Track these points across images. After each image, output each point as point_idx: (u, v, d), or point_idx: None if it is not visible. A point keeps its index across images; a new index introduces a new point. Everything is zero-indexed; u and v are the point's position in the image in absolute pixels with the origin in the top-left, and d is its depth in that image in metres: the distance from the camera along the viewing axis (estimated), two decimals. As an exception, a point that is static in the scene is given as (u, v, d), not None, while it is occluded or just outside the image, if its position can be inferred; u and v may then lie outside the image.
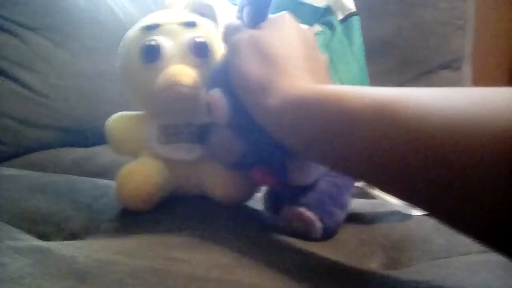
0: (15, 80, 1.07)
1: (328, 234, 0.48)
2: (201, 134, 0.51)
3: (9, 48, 1.07)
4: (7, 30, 1.07)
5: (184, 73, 0.52)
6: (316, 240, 0.47)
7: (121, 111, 0.59)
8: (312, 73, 0.43)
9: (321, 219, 0.47)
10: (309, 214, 0.47)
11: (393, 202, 0.55)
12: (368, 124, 0.32)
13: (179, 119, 0.56)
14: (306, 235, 0.47)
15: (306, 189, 0.49)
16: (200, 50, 0.54)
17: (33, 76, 1.09)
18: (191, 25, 0.55)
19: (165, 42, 0.53)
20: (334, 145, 0.35)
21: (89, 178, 0.70)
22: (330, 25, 1.34)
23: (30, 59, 1.09)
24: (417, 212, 0.54)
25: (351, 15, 1.34)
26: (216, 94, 0.47)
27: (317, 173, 0.48)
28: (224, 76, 0.47)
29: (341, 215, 0.50)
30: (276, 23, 0.46)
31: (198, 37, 0.54)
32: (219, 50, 0.56)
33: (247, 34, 0.45)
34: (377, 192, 0.55)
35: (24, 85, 1.07)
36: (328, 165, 0.40)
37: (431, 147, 0.28)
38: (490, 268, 0.38)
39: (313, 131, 0.37)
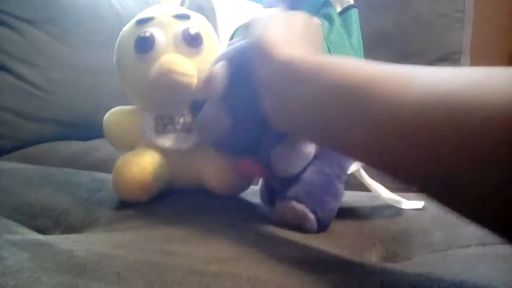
0: (13, 73, 1.06)
1: (322, 225, 0.48)
2: (193, 107, 0.50)
3: (8, 41, 1.07)
4: (5, 23, 1.06)
5: (177, 61, 0.53)
6: (311, 231, 0.47)
7: (119, 104, 0.60)
8: None
9: (313, 211, 0.47)
10: (300, 207, 0.47)
11: (384, 194, 0.55)
12: (344, 100, 0.34)
13: (174, 111, 0.56)
14: (301, 228, 0.47)
15: (295, 180, 0.49)
16: (194, 40, 0.55)
17: (31, 70, 1.09)
18: (184, 17, 0.56)
19: (159, 33, 0.54)
20: (319, 118, 0.37)
21: (87, 172, 0.70)
22: (328, 17, 1.34)
23: (29, 52, 1.09)
24: (408, 205, 0.54)
25: (350, 7, 1.34)
26: (218, 65, 0.47)
27: (301, 163, 0.48)
28: (233, 55, 0.47)
29: (334, 204, 0.50)
30: (307, 17, 0.47)
31: (191, 28, 0.55)
32: (212, 41, 0.57)
33: (280, 12, 0.47)
34: (369, 181, 0.55)
35: (22, 78, 1.07)
36: (314, 135, 0.41)
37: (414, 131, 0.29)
38: (489, 261, 0.38)
39: (305, 98, 0.38)
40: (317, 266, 0.38)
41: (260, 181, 0.57)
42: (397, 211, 0.54)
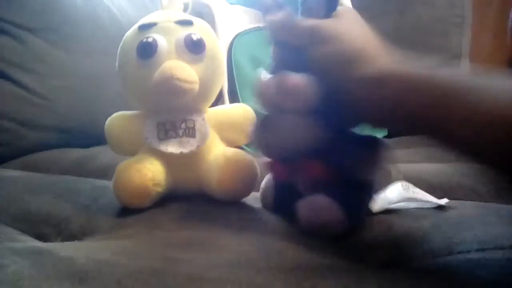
0: (13, 81, 1.06)
1: (349, 229, 0.47)
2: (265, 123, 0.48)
3: (7, 49, 1.07)
4: (4, 31, 1.07)
5: (179, 67, 0.53)
6: (331, 234, 0.47)
7: (120, 111, 0.60)
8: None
9: (347, 215, 0.46)
10: (337, 206, 0.46)
11: (422, 198, 0.55)
12: (451, 105, 0.37)
13: (175, 116, 0.56)
14: (324, 228, 0.47)
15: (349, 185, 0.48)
16: (196, 47, 0.55)
17: (31, 77, 1.09)
18: (187, 23, 0.56)
19: (161, 39, 0.54)
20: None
21: (88, 179, 0.70)
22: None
23: (28, 60, 1.09)
24: (439, 202, 0.55)
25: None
26: (302, 79, 0.45)
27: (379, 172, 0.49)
28: (296, 64, 0.46)
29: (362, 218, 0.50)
30: (348, 15, 0.47)
31: (193, 34, 0.55)
32: (215, 47, 0.57)
33: (328, 22, 0.46)
34: (417, 190, 0.56)
35: (22, 86, 1.07)
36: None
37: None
38: (490, 266, 0.38)
39: (409, 105, 0.39)
40: (317, 271, 0.38)
41: (266, 183, 0.56)
42: (396, 217, 0.54)
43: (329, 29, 0.44)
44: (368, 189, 0.51)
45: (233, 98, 1.16)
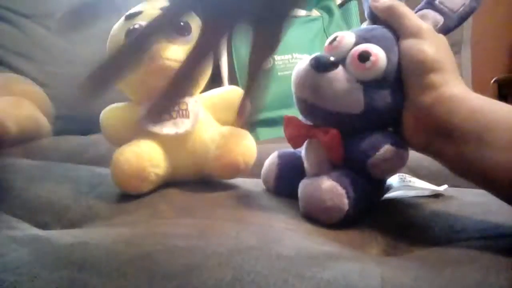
0: (12, 68, 1.06)
1: (349, 215, 0.47)
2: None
3: (5, 36, 1.06)
4: (3, 18, 1.06)
5: (167, 47, 0.55)
6: (335, 218, 0.47)
7: (118, 98, 0.60)
8: None
9: (349, 201, 0.46)
10: (341, 189, 0.46)
11: (425, 186, 0.56)
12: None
13: None
14: (325, 211, 0.47)
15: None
16: (182, 29, 0.56)
17: (29, 64, 1.08)
18: None
19: None
20: None
21: (87, 167, 0.70)
22: (328, 10, 1.33)
23: (26, 47, 1.09)
24: (441, 188, 0.56)
25: (349, -1, 1.33)
26: (381, 51, 0.47)
27: (398, 171, 0.50)
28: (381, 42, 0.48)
29: (364, 204, 0.50)
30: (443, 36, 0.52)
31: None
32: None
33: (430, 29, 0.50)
34: (413, 179, 0.56)
35: (20, 73, 1.07)
36: None
37: None
38: (490, 254, 0.38)
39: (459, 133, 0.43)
40: (318, 260, 0.38)
41: (268, 165, 0.56)
42: (397, 205, 0.54)
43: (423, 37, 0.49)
44: (376, 182, 0.51)
45: (233, 83, 1.16)
